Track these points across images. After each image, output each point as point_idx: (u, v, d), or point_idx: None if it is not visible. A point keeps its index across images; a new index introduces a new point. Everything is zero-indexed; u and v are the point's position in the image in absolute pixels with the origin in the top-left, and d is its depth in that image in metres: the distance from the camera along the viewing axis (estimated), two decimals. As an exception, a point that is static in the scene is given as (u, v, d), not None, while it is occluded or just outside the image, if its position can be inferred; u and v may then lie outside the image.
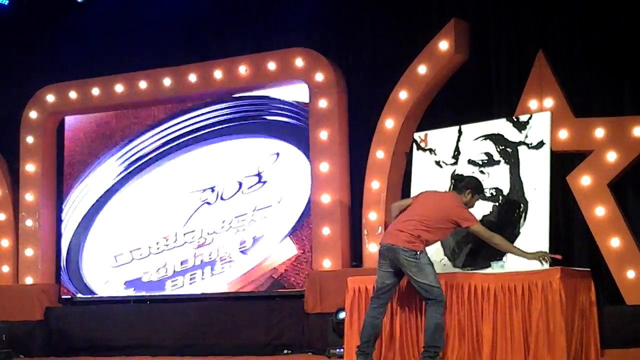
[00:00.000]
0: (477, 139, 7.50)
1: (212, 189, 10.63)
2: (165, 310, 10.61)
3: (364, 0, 10.07)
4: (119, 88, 11.11)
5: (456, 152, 7.58)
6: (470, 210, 6.73)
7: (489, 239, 6.64)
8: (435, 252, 7.27)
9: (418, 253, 6.56)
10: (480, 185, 6.90)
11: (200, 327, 10.25)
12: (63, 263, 11.30)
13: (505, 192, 7.20)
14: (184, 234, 10.70)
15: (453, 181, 7.03)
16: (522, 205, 7.07)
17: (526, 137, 7.24)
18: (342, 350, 7.75)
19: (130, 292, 10.91)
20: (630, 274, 8.36)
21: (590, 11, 8.84)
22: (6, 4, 11.47)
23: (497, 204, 7.22)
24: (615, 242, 8.44)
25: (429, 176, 7.62)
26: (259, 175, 10.40)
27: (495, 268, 6.95)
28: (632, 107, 8.62)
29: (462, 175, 7.00)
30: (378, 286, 6.75)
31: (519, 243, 6.97)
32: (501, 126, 7.42)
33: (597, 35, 8.78)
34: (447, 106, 9.44)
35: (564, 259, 6.66)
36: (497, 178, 7.28)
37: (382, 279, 6.72)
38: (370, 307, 6.77)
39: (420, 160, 7.80)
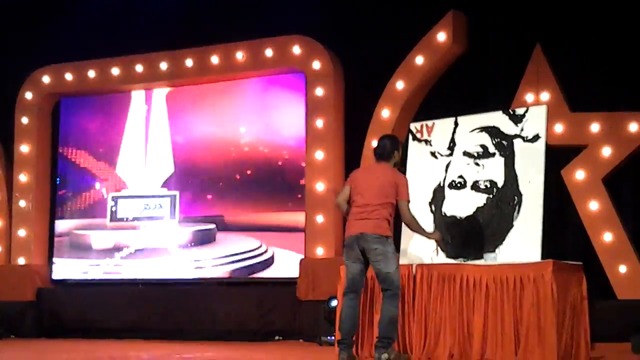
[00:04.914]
0: (472, 130, 7.52)
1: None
2: (158, 294, 10.62)
3: (363, -11, 10.07)
4: (115, 71, 11.09)
5: (451, 144, 7.59)
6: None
7: (405, 216, 6.72)
8: (428, 242, 7.29)
9: (387, 239, 6.60)
10: (396, 138, 7.07)
11: (192, 311, 10.26)
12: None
13: (500, 185, 7.22)
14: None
15: (376, 152, 6.92)
16: (516, 198, 7.10)
17: (522, 130, 7.25)
18: (333, 338, 7.78)
19: (122, 275, 10.95)
20: (622, 268, 8.40)
21: (588, 6, 8.83)
22: (3, -16, 11.44)
23: (491, 196, 7.24)
24: (608, 237, 8.48)
25: (424, 167, 7.64)
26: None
27: (488, 260, 6.98)
28: (627, 103, 8.63)
29: (380, 143, 6.94)
30: (349, 278, 6.74)
31: (511, 235, 7.01)
32: (497, 119, 7.44)
33: (594, 31, 8.78)
34: (443, 97, 9.43)
35: (557, 253, 6.68)
36: (491, 170, 7.30)
37: (351, 270, 6.72)
38: (345, 299, 6.74)
39: (415, 151, 7.81)
